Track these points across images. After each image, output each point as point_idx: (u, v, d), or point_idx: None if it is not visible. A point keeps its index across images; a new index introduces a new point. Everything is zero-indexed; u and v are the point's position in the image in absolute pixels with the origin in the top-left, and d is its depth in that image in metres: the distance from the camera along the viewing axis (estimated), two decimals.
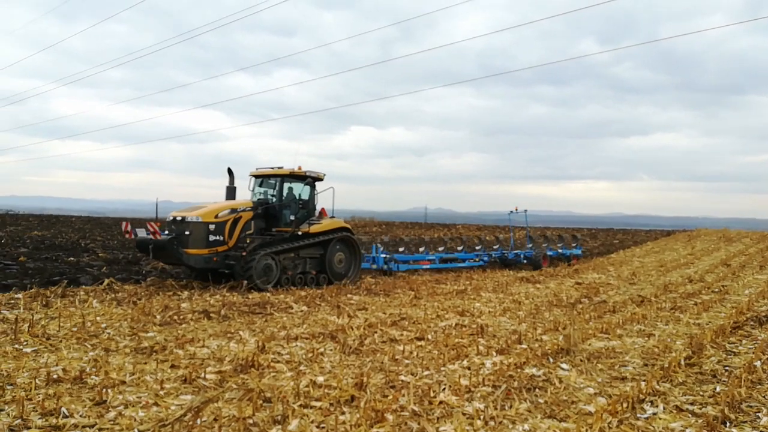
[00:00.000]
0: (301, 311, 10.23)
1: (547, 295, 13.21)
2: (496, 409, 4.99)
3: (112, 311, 9.40)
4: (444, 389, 5.53)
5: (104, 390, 5.13)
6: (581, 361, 6.81)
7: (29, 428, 4.25)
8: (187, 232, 12.85)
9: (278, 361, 6.47)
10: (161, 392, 5.24)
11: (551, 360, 6.81)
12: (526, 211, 23.33)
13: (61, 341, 7.15)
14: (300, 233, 14.24)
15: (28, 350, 6.64)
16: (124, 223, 13.86)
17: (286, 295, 12.03)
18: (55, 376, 5.52)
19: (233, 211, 13.53)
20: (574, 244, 24.70)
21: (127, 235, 13.33)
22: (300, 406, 4.91)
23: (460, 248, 21.55)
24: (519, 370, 6.32)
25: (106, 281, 12.32)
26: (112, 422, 4.47)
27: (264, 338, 7.56)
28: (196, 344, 7.24)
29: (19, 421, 4.35)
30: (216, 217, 13.13)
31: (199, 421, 4.46)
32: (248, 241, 13.49)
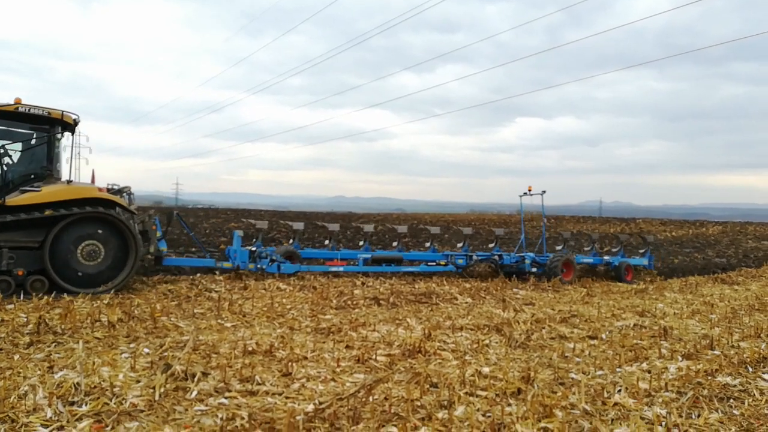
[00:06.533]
0: (466, 303, 10.28)
1: (747, 298, 11.64)
2: (681, 416, 4.55)
3: (296, 294, 10.36)
4: (620, 391, 5.18)
5: (289, 363, 5.69)
6: None
7: (230, 391, 4.88)
8: None
9: (444, 349, 6.59)
10: (338, 369, 5.66)
11: (750, 369, 6.01)
12: (543, 192, 15.69)
13: (254, 318, 8.07)
14: None
15: (228, 325, 7.60)
16: None
17: (451, 287, 12.16)
18: (249, 349, 6.25)
19: None
20: (641, 251, 17.49)
21: None
22: (466, 393, 4.96)
23: (427, 245, 16.42)
24: (710, 377, 5.68)
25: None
26: (296, 392, 4.95)
27: (430, 326, 7.75)
28: (367, 328, 7.67)
29: (222, 384, 5.02)
30: None
31: (371, 398, 4.74)
32: None
